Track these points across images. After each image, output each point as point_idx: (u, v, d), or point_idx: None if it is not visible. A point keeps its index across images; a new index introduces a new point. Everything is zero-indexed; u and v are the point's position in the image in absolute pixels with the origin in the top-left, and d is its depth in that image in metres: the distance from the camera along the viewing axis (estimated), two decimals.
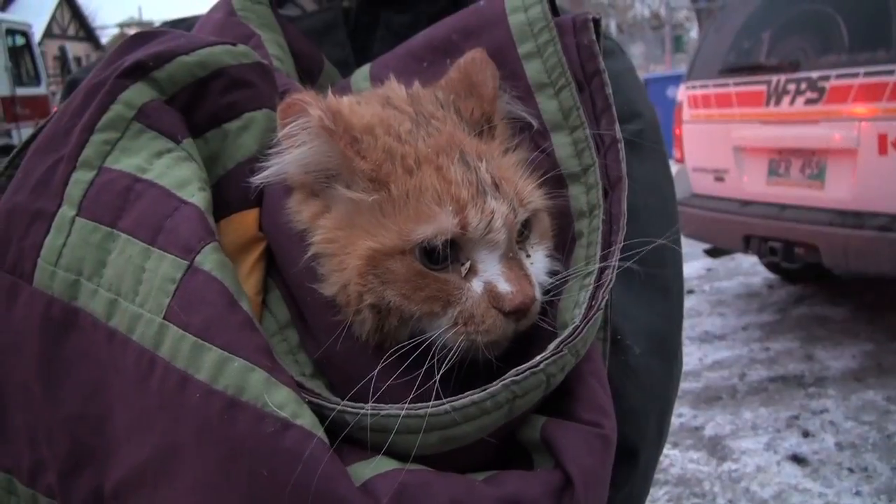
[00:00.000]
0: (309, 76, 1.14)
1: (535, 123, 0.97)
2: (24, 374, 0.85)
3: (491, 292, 0.83)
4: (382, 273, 0.84)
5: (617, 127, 0.95)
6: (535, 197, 0.90)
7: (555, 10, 1.02)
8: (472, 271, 0.85)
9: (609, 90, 0.97)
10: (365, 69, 1.09)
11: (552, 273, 0.91)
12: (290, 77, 1.08)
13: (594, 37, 0.99)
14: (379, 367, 0.81)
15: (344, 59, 1.22)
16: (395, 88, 0.96)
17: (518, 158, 0.93)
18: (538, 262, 0.90)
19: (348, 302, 0.85)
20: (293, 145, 0.87)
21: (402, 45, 1.09)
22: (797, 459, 4.54)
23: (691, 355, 6.15)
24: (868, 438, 4.72)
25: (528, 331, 0.87)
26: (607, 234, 0.90)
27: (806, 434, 4.82)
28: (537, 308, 0.86)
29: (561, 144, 0.95)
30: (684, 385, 5.57)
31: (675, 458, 4.67)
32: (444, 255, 0.84)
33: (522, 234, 0.90)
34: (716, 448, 4.76)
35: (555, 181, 0.95)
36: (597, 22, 1.01)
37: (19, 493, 0.88)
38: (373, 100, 0.95)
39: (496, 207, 0.84)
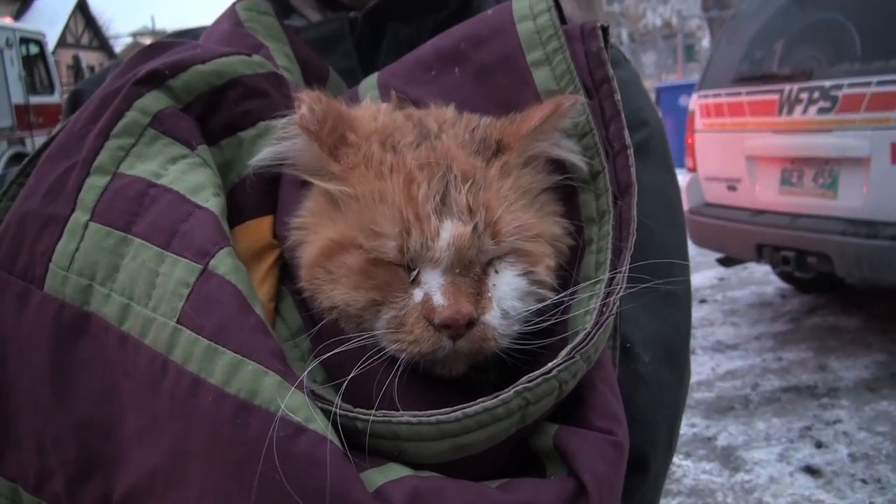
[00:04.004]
0: (314, 86, 1.14)
1: (583, 167, 0.95)
2: (34, 380, 0.85)
3: (426, 303, 0.83)
4: (335, 268, 0.85)
5: (626, 133, 0.95)
6: (520, 235, 0.87)
7: (562, 18, 1.02)
8: (417, 280, 0.85)
9: (618, 97, 0.96)
10: (373, 78, 1.10)
11: (529, 301, 0.88)
12: (298, 87, 1.08)
13: (602, 44, 0.99)
14: (381, 369, 0.81)
15: (350, 69, 1.22)
16: (441, 110, 0.97)
17: (524, 189, 0.90)
18: (505, 284, 0.87)
19: (312, 304, 0.87)
20: (285, 137, 0.90)
21: (410, 53, 1.09)
22: (810, 470, 4.51)
23: (704, 365, 6.12)
24: (882, 449, 4.68)
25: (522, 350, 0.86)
26: (617, 240, 0.90)
27: (819, 445, 4.78)
28: (487, 332, 0.84)
29: (570, 151, 0.95)
30: (697, 395, 5.55)
31: (687, 469, 4.64)
32: (398, 260, 0.85)
33: (501, 255, 0.88)
34: (729, 459, 4.73)
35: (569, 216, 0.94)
36: (605, 29, 1.00)
37: (24, 503, 0.87)
38: (413, 116, 0.95)
39: (446, 227, 0.83)
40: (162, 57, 0.95)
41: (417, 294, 0.84)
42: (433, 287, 0.84)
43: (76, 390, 0.83)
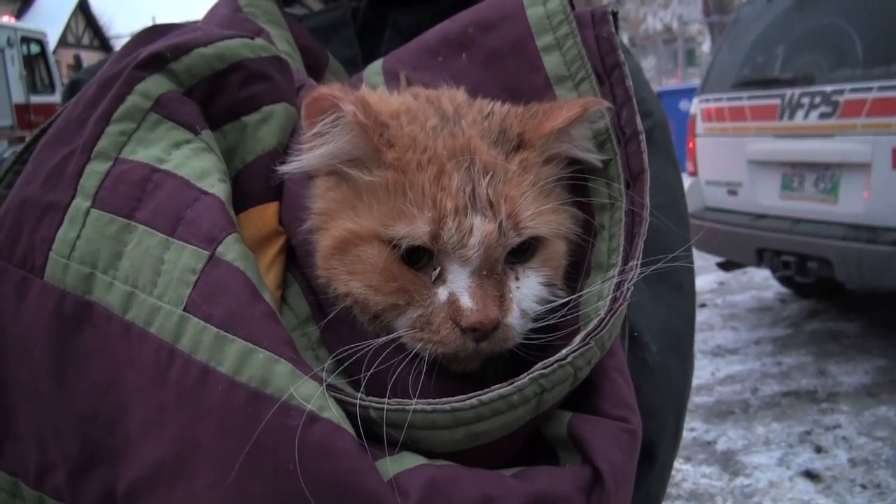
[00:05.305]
0: (314, 72, 1.13)
1: (599, 166, 0.94)
2: (34, 373, 0.83)
3: (452, 304, 0.82)
4: (351, 261, 0.83)
5: (638, 119, 0.93)
6: (539, 223, 0.87)
7: (571, 3, 1.01)
8: (441, 279, 0.84)
9: (629, 82, 0.95)
10: (378, 64, 1.09)
11: (545, 302, 0.88)
12: (300, 73, 1.07)
13: (613, 29, 0.98)
14: (395, 362, 0.80)
15: (352, 58, 1.22)
16: (452, 91, 0.96)
17: (540, 182, 0.89)
18: (526, 287, 0.88)
19: (326, 290, 0.85)
20: (326, 142, 0.86)
21: (416, 39, 1.08)
22: (810, 475, 4.50)
23: (703, 369, 6.11)
24: (881, 454, 4.67)
25: (512, 351, 0.85)
26: (630, 226, 0.89)
27: (819, 449, 4.78)
28: (508, 333, 0.84)
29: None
30: (696, 399, 5.54)
31: (687, 473, 4.63)
32: (419, 256, 0.84)
33: (521, 255, 0.88)
34: (728, 463, 4.72)
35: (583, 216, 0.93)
36: (615, 15, 1.00)
37: (25, 496, 0.86)
38: (421, 95, 0.94)
39: (477, 224, 0.83)
40: (163, 40, 0.93)
41: (442, 293, 0.83)
42: (460, 287, 0.83)
43: (78, 382, 0.81)
